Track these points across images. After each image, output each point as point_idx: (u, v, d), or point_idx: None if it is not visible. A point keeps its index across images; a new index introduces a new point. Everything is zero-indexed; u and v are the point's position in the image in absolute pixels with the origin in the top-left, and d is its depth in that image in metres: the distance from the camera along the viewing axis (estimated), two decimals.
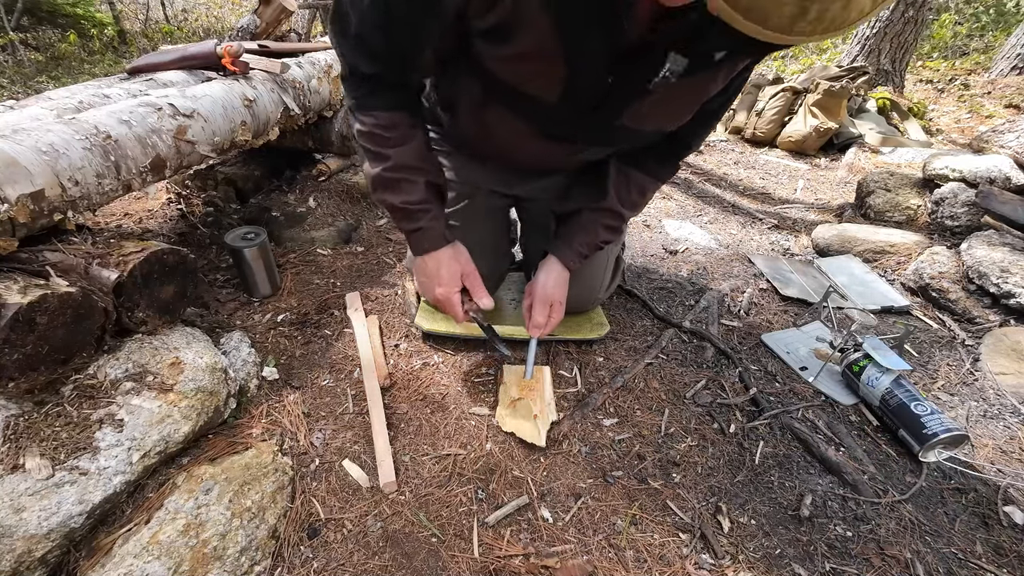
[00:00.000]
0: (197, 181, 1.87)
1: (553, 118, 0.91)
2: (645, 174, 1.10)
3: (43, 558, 0.78)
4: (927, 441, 1.06)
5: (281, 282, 1.52)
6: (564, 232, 1.16)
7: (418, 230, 1.00)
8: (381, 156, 0.93)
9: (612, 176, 1.10)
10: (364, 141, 0.93)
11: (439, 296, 1.05)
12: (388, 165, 0.93)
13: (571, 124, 0.93)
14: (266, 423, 1.09)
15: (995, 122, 2.92)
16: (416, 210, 0.98)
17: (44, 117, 1.09)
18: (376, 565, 0.88)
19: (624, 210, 1.12)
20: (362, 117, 0.91)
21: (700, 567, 0.90)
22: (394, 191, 0.96)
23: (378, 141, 0.92)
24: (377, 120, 0.90)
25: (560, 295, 1.14)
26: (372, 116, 0.90)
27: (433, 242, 1.02)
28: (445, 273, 1.04)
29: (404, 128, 0.93)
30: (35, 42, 4.33)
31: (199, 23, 5.62)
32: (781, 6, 0.46)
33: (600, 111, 0.87)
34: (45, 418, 0.89)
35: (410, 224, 1.00)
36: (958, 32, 5.91)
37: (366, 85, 0.88)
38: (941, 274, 1.61)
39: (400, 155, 0.93)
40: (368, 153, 0.95)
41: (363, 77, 0.87)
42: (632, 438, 1.12)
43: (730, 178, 2.63)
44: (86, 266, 0.98)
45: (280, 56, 1.65)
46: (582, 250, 1.14)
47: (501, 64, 0.82)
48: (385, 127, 0.91)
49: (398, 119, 0.92)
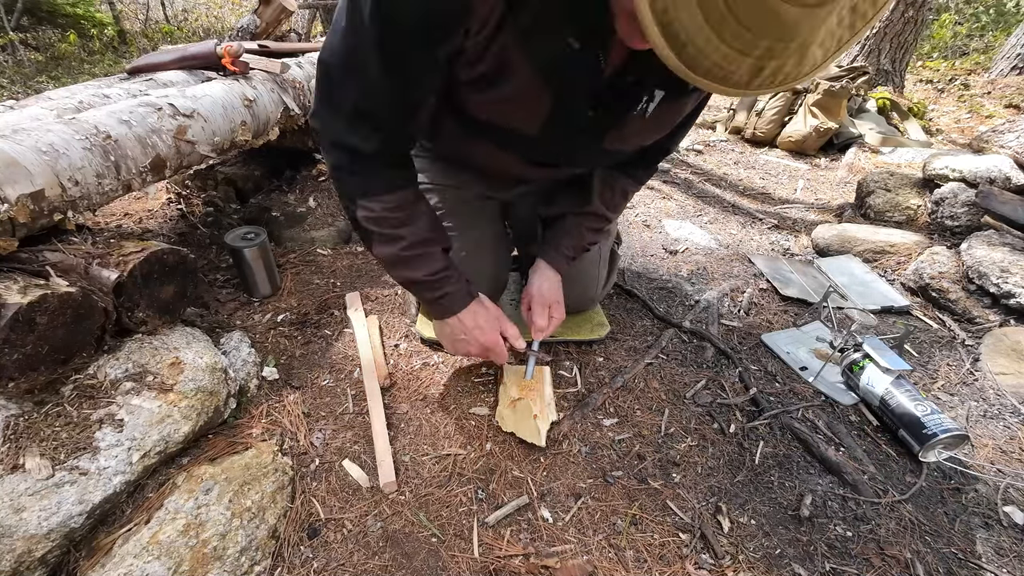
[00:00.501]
0: (197, 181, 1.87)
1: (535, 148, 0.92)
2: (628, 178, 1.12)
3: (43, 558, 0.78)
4: (927, 441, 1.06)
5: (281, 282, 1.52)
6: (551, 236, 1.19)
7: (443, 296, 0.99)
8: (394, 237, 0.91)
9: (596, 181, 1.12)
10: (372, 226, 0.90)
11: (488, 345, 1.04)
12: (404, 244, 0.91)
13: (553, 152, 0.94)
14: (266, 423, 1.09)
15: (995, 122, 2.92)
16: (440, 279, 0.97)
17: (44, 117, 1.09)
18: (376, 565, 0.88)
19: (608, 212, 1.14)
20: (368, 204, 0.87)
21: (700, 567, 0.90)
22: (414, 267, 0.95)
23: (389, 223, 0.89)
24: (385, 204, 0.88)
25: (557, 296, 1.16)
26: (379, 201, 0.87)
27: (462, 302, 1.02)
28: (484, 323, 1.04)
29: (412, 204, 0.91)
30: (35, 42, 4.33)
31: (199, 23, 5.62)
32: (738, 68, 0.49)
33: (582, 139, 0.88)
34: (45, 418, 0.89)
35: (434, 292, 0.99)
36: (958, 32, 5.92)
37: (367, 169, 0.85)
38: (941, 274, 1.61)
39: (414, 232, 0.92)
40: (377, 236, 0.91)
41: (363, 159, 0.83)
42: (632, 438, 1.12)
43: (730, 178, 2.63)
44: (86, 266, 0.98)
45: (280, 56, 1.65)
46: (569, 253, 1.17)
47: (484, 106, 0.83)
48: (394, 208, 0.88)
49: (405, 197, 0.90)
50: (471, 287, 1.04)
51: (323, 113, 0.81)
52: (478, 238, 1.20)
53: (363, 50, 0.71)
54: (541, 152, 0.95)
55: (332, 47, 0.74)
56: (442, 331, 1.07)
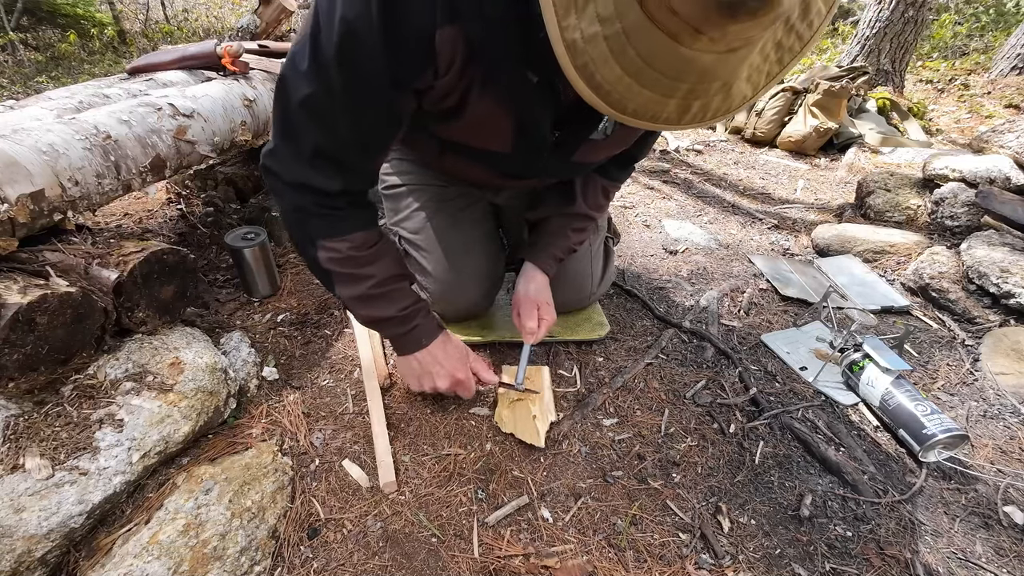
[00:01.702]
0: (197, 181, 1.86)
1: (506, 163, 0.94)
2: (608, 179, 1.15)
3: (43, 558, 0.78)
4: (927, 441, 1.06)
5: (281, 282, 1.52)
6: (537, 239, 1.20)
7: (413, 328, 0.98)
8: (361, 277, 0.89)
9: (578, 183, 1.14)
10: (335, 266, 0.87)
11: (460, 379, 1.02)
12: (373, 283, 0.90)
13: (524, 167, 0.95)
14: (266, 423, 1.09)
15: (995, 122, 2.92)
16: (410, 312, 0.96)
17: (44, 117, 1.09)
18: (376, 565, 0.88)
19: (592, 212, 1.16)
20: (333, 244, 0.85)
21: (700, 567, 0.90)
22: (383, 305, 0.93)
23: (355, 263, 0.88)
24: (352, 243, 0.86)
25: (546, 297, 1.17)
26: (346, 241, 0.86)
27: (431, 333, 1.01)
28: (455, 354, 1.03)
29: (378, 242, 0.90)
30: (35, 42, 4.33)
31: (199, 23, 5.62)
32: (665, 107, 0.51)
33: (550, 156, 0.89)
34: (45, 418, 0.89)
35: (404, 327, 0.97)
36: (958, 32, 5.91)
37: (332, 209, 0.83)
38: (941, 274, 1.61)
39: (383, 269, 0.91)
40: (340, 277, 0.89)
41: (328, 199, 0.81)
42: (632, 438, 1.12)
43: (730, 178, 2.63)
44: (86, 266, 0.98)
45: (280, 56, 1.65)
46: (557, 253, 1.18)
47: (452, 132, 0.84)
48: (360, 247, 0.87)
49: (371, 236, 0.89)
50: (438, 319, 1.04)
51: (282, 153, 0.79)
52: (466, 238, 1.20)
53: (327, 95, 0.70)
54: (512, 167, 0.96)
55: (294, 86, 0.71)
56: (408, 365, 1.04)
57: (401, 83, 0.70)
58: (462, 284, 1.19)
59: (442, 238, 1.16)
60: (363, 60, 0.66)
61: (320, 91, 0.69)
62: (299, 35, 0.69)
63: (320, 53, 0.66)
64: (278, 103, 0.75)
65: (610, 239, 1.42)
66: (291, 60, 0.70)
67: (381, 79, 0.68)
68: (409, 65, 0.67)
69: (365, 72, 0.67)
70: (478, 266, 1.22)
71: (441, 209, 1.19)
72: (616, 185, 1.19)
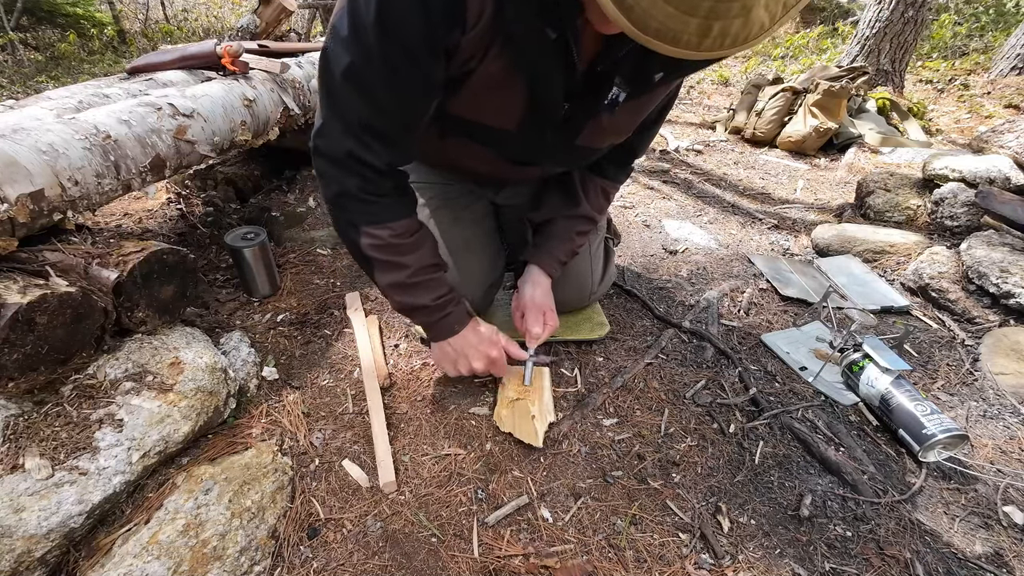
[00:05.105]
0: (197, 181, 1.87)
1: (513, 145, 0.93)
2: (608, 179, 1.16)
3: (43, 558, 0.78)
4: (927, 441, 1.06)
5: (281, 282, 1.52)
6: (541, 241, 1.20)
7: (446, 315, 1.00)
8: (401, 265, 0.91)
9: (579, 184, 1.15)
10: (376, 253, 0.89)
11: (494, 357, 1.05)
12: (411, 271, 0.92)
13: (531, 149, 0.95)
14: (266, 423, 1.09)
15: (995, 122, 2.92)
16: (444, 301, 0.98)
17: (44, 117, 1.09)
18: (376, 565, 0.88)
19: (595, 214, 1.17)
20: (375, 231, 0.87)
21: (700, 567, 0.90)
22: (419, 293, 0.95)
23: (396, 251, 0.90)
24: (394, 230, 0.88)
25: (550, 302, 1.18)
26: (388, 228, 0.87)
27: (463, 320, 1.03)
28: (487, 335, 1.05)
29: (418, 231, 0.92)
30: (35, 42, 4.33)
31: (199, 23, 5.62)
32: (685, 28, 0.52)
33: (558, 135, 0.90)
34: (45, 418, 0.89)
35: (438, 315, 1.00)
36: (958, 32, 5.91)
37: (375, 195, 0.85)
38: (941, 274, 1.61)
39: (419, 259, 0.92)
40: (381, 264, 0.91)
41: (373, 176, 0.83)
42: (632, 438, 1.12)
43: (730, 178, 2.63)
44: (86, 266, 0.98)
45: (280, 56, 1.65)
46: (561, 256, 1.19)
47: (463, 100, 0.83)
48: (402, 235, 0.89)
49: (412, 224, 0.91)
50: (467, 306, 1.06)
51: (330, 128, 0.80)
52: (467, 236, 1.21)
53: (369, 65, 0.71)
54: (517, 149, 0.96)
55: (335, 57, 0.73)
56: (442, 351, 1.07)
57: (435, 43, 0.70)
58: (462, 282, 1.19)
59: (444, 235, 1.16)
60: (399, 19, 0.67)
61: (360, 59, 0.71)
62: (338, 7, 0.71)
63: (359, 18, 0.68)
64: (322, 79, 0.77)
65: (610, 239, 1.43)
66: (332, 30, 0.73)
67: (416, 39, 0.69)
68: (441, 16, 0.68)
69: (402, 34, 0.68)
70: (479, 264, 1.22)
71: (443, 206, 1.19)
72: (615, 186, 1.20)
